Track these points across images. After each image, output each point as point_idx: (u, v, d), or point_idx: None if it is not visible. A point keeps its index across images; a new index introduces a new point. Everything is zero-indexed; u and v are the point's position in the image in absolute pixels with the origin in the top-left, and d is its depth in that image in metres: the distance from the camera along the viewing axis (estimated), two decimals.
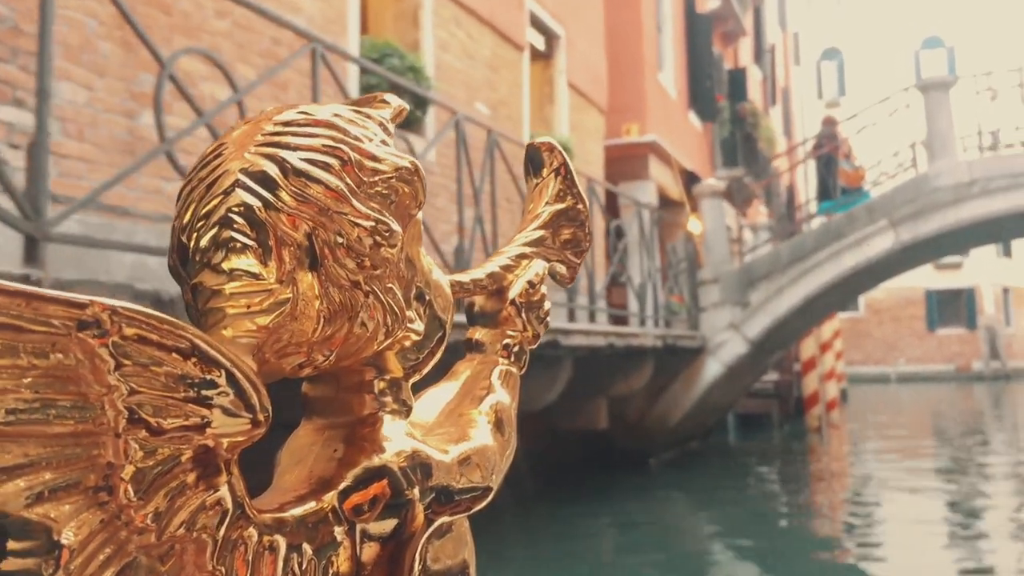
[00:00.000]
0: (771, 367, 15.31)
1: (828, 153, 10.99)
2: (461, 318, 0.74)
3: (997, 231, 10.99)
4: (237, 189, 0.55)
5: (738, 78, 19.32)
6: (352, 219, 0.57)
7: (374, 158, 0.59)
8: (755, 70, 22.76)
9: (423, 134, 7.08)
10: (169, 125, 3.57)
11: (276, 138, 0.57)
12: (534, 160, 0.87)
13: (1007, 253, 37.04)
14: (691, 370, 10.33)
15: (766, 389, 15.56)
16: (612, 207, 12.87)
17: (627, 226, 10.31)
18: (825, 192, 11.19)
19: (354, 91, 6.62)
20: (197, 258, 0.55)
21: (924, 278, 36.34)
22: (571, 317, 8.83)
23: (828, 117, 11.81)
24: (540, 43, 9.82)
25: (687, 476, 10.45)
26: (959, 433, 15.94)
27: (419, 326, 0.64)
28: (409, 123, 6.78)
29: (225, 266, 0.54)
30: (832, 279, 9.93)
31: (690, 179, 14.59)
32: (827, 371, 17.09)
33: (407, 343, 0.64)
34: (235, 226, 0.54)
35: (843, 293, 11.15)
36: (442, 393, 0.77)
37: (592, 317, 8.98)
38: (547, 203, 0.86)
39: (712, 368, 10.31)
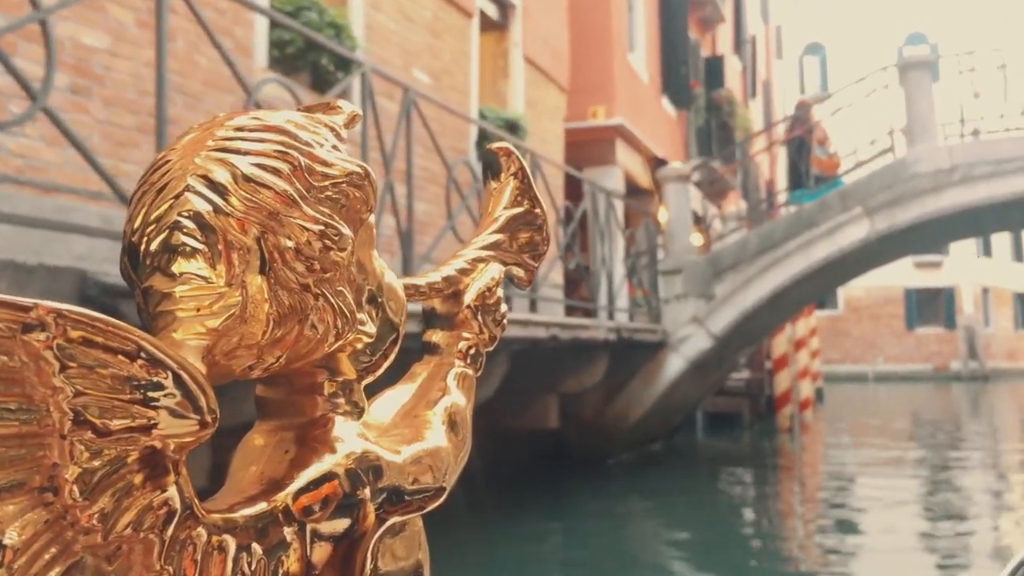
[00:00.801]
0: (741, 364, 14.65)
1: (801, 137, 10.30)
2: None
3: (978, 223, 10.33)
4: (187, 193, 0.56)
5: (715, 66, 18.62)
6: (301, 223, 0.58)
7: (324, 163, 0.60)
8: (734, 60, 22.08)
9: (350, 100, 6.33)
10: None
11: (227, 143, 0.58)
12: (492, 165, 0.89)
13: (987, 253, 36.70)
14: (652, 366, 9.62)
15: (737, 387, 14.89)
16: (576, 193, 12.17)
17: (592, 215, 9.61)
18: (798, 180, 10.50)
19: (262, 48, 5.86)
20: (147, 262, 0.56)
21: (904, 276, 35.92)
22: (532, 307, 8.15)
23: (802, 100, 11.12)
24: (493, 11, 9.06)
25: (648, 479, 9.74)
26: (936, 437, 15.37)
27: (370, 328, 0.65)
28: (328, 86, 6.02)
29: (175, 270, 0.55)
30: (803, 271, 9.24)
31: (662, 167, 13.88)
32: (801, 369, 16.45)
33: (359, 345, 0.65)
34: (185, 230, 0.55)
35: (816, 287, 10.47)
36: (398, 395, 0.78)
37: (533, 306, 8.26)
38: (504, 207, 0.88)
39: (674, 364, 9.61)
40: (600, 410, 9.51)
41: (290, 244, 0.57)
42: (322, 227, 0.58)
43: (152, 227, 0.56)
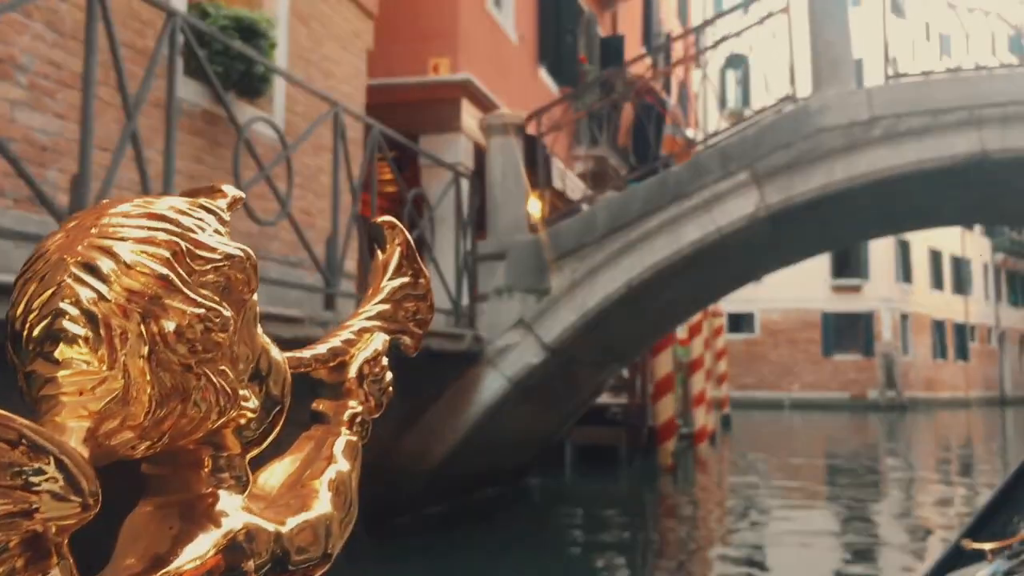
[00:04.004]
0: (614, 387, 11.94)
1: (652, 107, 7.69)
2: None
3: (906, 207, 7.75)
4: (69, 281, 0.56)
5: (613, 46, 16.05)
6: (183, 307, 0.58)
7: (206, 247, 0.60)
8: (644, 52, 19.59)
9: None
10: None
11: (109, 230, 0.58)
12: (378, 237, 0.91)
13: (907, 279, 35.02)
14: (461, 386, 6.79)
15: (615, 414, 12.17)
16: (412, 167, 9.34)
17: (434, 194, 6.81)
18: (643, 157, 7.84)
19: None
20: (30, 347, 0.57)
21: (822, 300, 33.96)
22: (327, 304, 5.43)
23: (638, 77, 8.55)
24: None
25: (453, 546, 6.86)
26: (851, 475, 12.93)
27: (253, 404, 0.65)
28: None
29: (57, 355, 0.56)
30: (669, 259, 6.52)
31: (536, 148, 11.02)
32: (696, 395, 13.83)
33: (242, 421, 0.65)
34: (67, 317, 0.56)
35: (694, 286, 7.77)
36: (285, 465, 0.78)
37: (330, 302, 5.44)
38: (389, 278, 0.89)
39: (492, 384, 6.79)
40: (387, 447, 6.63)
41: (172, 327, 0.57)
42: (203, 310, 0.59)
43: (35, 314, 0.56)
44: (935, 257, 36.92)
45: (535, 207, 7.21)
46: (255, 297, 0.64)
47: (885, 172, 6.18)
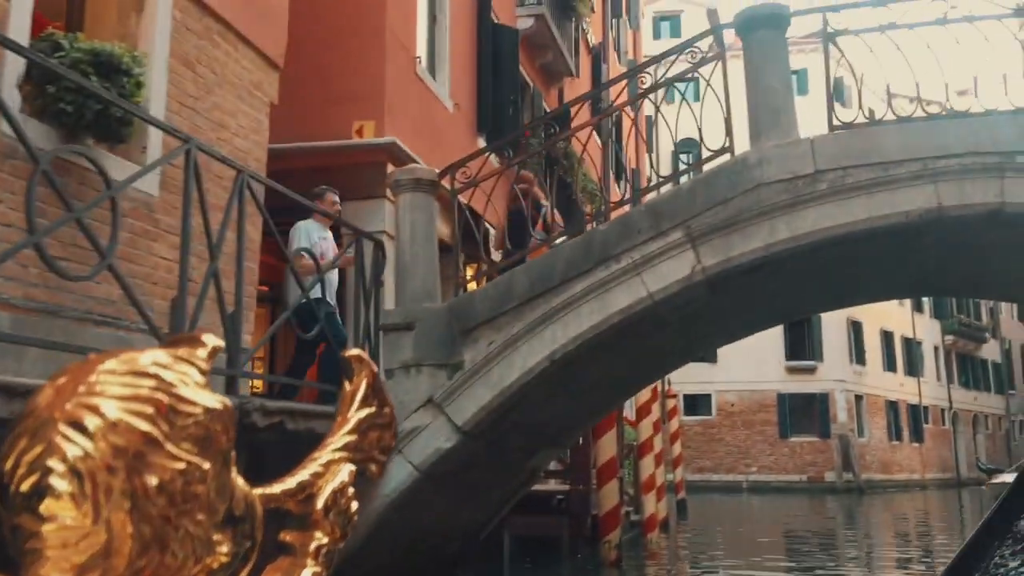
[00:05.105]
0: (558, 472, 10.98)
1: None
2: None
3: (855, 280, 7.06)
4: (57, 439, 0.61)
5: (560, 121, 15.55)
6: (165, 463, 0.63)
7: (188, 402, 0.67)
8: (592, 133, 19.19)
9: None
10: None
11: (97, 387, 0.64)
12: (346, 370, 1.05)
13: (860, 360, 34.65)
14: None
15: (559, 501, 11.16)
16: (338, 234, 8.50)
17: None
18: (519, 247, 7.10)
19: None
20: (18, 502, 0.62)
21: (777, 382, 33.37)
22: (229, 388, 4.51)
23: (525, 174, 7.96)
24: None
25: None
26: (812, 559, 11.99)
27: (227, 548, 0.71)
28: None
29: (43, 511, 0.61)
30: (595, 329, 5.70)
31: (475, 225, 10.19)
32: (646, 479, 12.89)
33: (215, 566, 0.70)
34: (55, 474, 0.61)
35: (630, 361, 6.94)
36: None
37: (231, 385, 4.54)
38: (356, 409, 1.04)
39: (399, 474, 5.83)
40: None
41: (154, 482, 0.62)
42: (184, 464, 0.64)
43: (23, 469, 0.61)
44: (887, 338, 36.68)
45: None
46: (231, 447, 0.66)
47: (832, 231, 5.46)
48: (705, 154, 5.97)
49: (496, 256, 10.68)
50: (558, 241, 6.47)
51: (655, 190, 6.41)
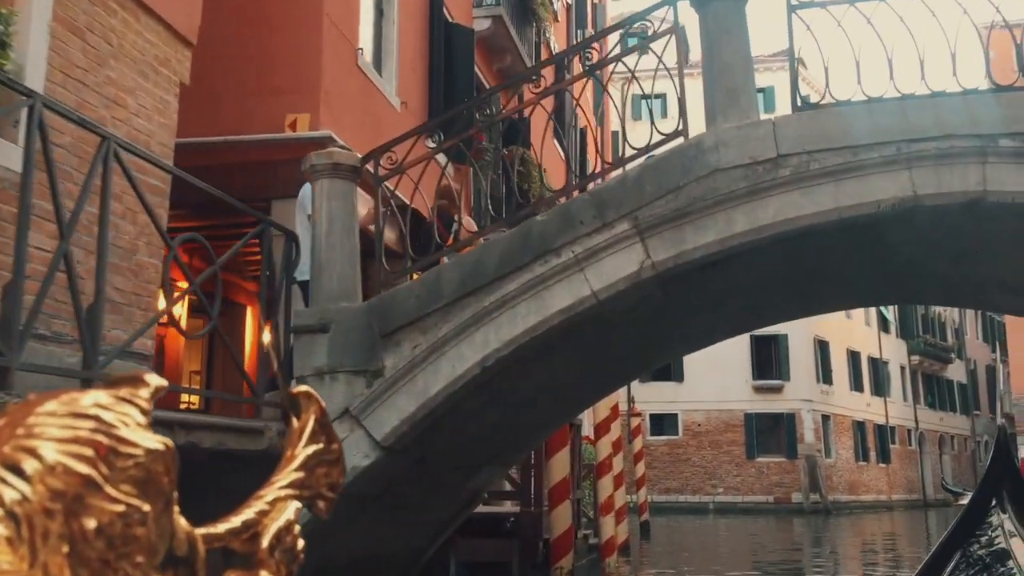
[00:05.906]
0: (510, 493, 10.27)
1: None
2: None
3: (820, 281, 6.46)
4: None
5: (517, 127, 14.96)
6: (103, 505, 0.58)
7: (128, 443, 0.60)
8: (553, 143, 18.60)
9: None
10: None
11: (35, 429, 0.58)
12: (294, 406, 0.93)
13: (827, 380, 34.27)
14: None
15: (510, 524, 10.44)
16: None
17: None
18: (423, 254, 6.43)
19: None
20: None
21: (744, 401, 32.86)
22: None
23: (447, 188, 7.35)
24: None
25: None
26: None
27: None
28: None
29: None
30: (532, 331, 5.03)
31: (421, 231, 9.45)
32: (604, 501, 12.19)
33: None
34: None
35: (575, 371, 6.28)
36: None
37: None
38: (303, 446, 0.90)
39: None
40: None
41: (93, 525, 0.57)
42: (124, 507, 0.58)
43: None
44: (854, 358, 36.36)
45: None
46: (173, 488, 0.63)
47: (796, 222, 4.85)
48: (656, 138, 5.34)
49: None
50: (490, 237, 5.80)
51: (601, 177, 5.77)
